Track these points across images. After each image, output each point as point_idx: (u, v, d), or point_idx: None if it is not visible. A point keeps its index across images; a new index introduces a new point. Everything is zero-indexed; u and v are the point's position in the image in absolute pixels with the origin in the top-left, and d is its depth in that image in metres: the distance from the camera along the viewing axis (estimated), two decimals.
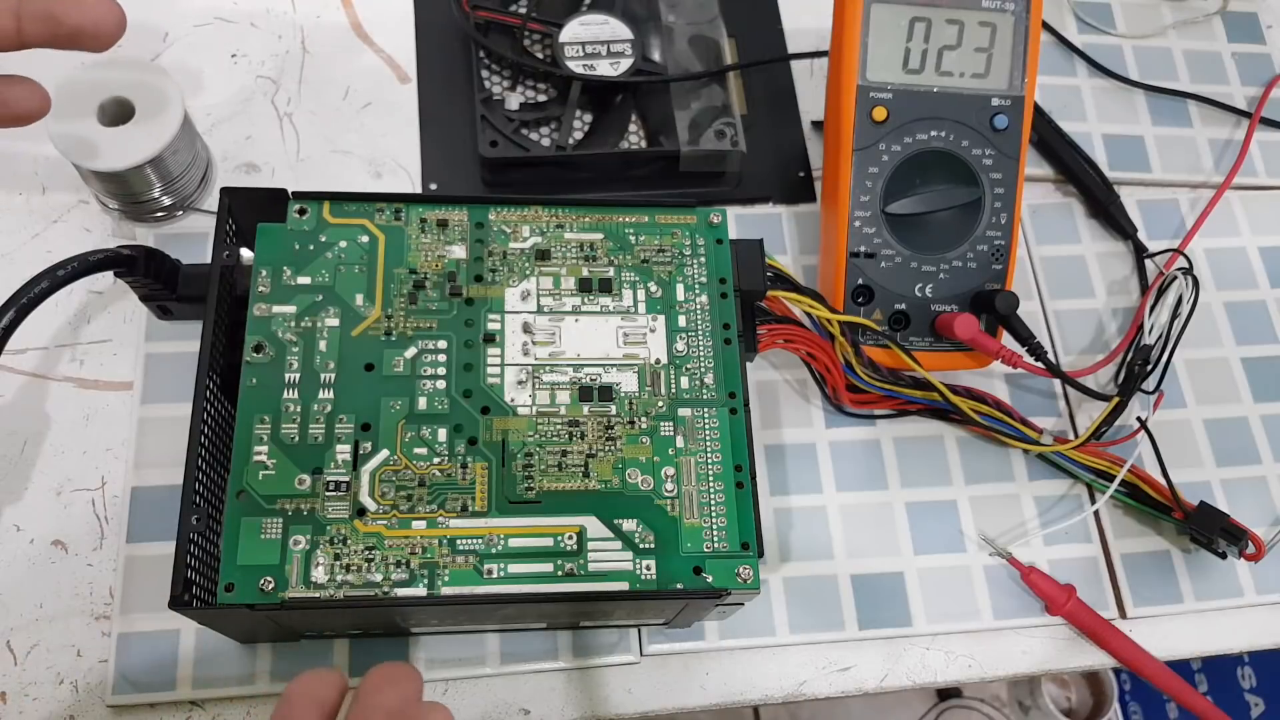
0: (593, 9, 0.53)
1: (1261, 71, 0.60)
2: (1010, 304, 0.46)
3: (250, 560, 0.34)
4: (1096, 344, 0.52)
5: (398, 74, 0.54)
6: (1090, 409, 0.50)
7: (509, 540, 0.35)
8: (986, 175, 0.47)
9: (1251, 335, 0.53)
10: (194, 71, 0.52)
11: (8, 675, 0.40)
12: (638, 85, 0.52)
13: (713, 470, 0.37)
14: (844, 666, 0.44)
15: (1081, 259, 0.54)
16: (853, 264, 0.47)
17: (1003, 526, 0.47)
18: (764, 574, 0.44)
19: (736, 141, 0.51)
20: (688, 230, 0.41)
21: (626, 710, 0.42)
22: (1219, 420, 0.51)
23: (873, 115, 0.46)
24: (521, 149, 0.49)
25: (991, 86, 0.47)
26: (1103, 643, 0.45)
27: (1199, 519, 0.45)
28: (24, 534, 0.42)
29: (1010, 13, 0.46)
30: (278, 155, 0.51)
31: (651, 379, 0.38)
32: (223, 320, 0.38)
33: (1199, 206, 0.56)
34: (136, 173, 0.44)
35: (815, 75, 0.57)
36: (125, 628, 0.40)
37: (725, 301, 0.40)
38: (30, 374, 0.45)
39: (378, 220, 0.39)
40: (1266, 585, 0.47)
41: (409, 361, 0.37)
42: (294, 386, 0.36)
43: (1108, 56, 0.59)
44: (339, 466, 0.35)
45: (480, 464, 0.36)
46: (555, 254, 0.40)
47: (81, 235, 0.48)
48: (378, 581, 0.34)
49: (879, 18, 0.45)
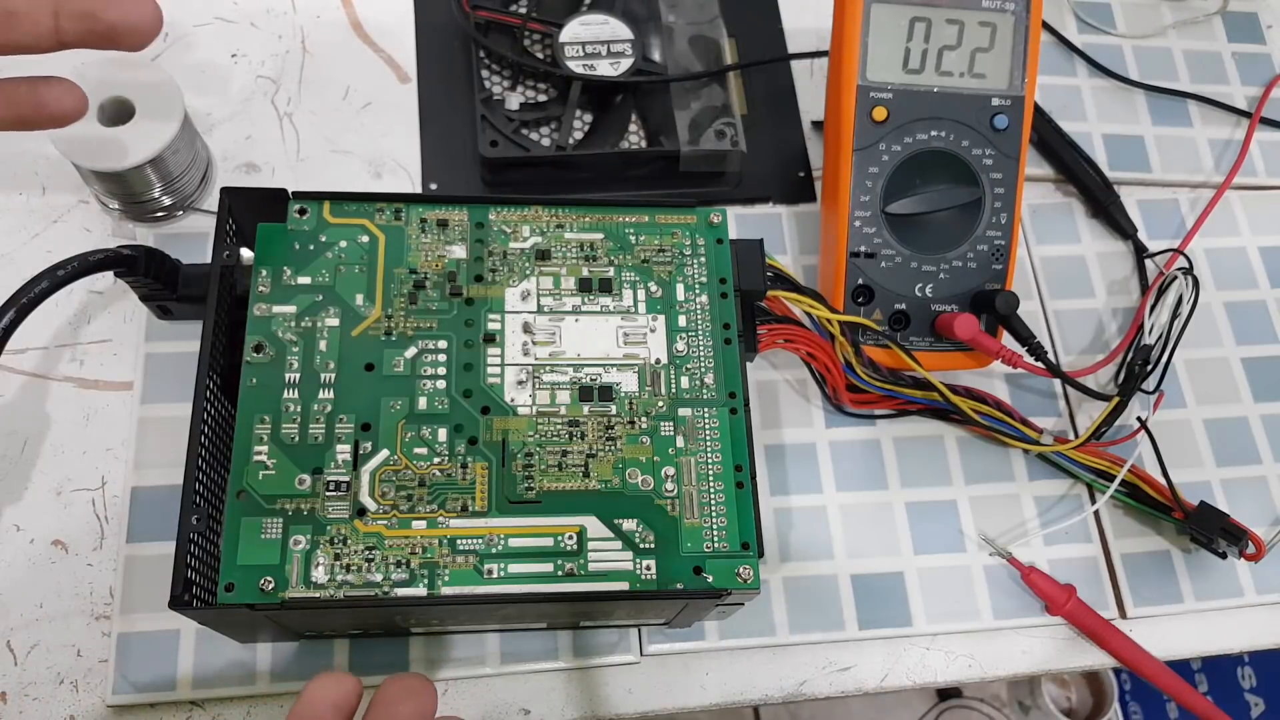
0: (593, 9, 0.53)
1: (1261, 71, 0.60)
2: (1010, 304, 0.46)
3: (250, 560, 0.34)
4: (1096, 344, 0.52)
5: (398, 74, 0.54)
6: (1090, 409, 0.50)
7: (509, 540, 0.35)
8: (986, 175, 0.47)
9: (1251, 335, 0.53)
10: (194, 71, 0.52)
11: (8, 675, 0.40)
12: (638, 85, 0.52)
13: (713, 470, 0.37)
14: (844, 666, 0.44)
15: (1081, 259, 0.54)
16: (853, 264, 0.47)
17: (1003, 526, 0.47)
18: (764, 574, 0.44)
19: (736, 141, 0.51)
20: (688, 230, 0.41)
21: (626, 710, 0.42)
22: (1219, 420, 0.51)
23: (873, 115, 0.46)
24: (521, 149, 0.49)
25: (991, 86, 0.47)
26: (1103, 643, 0.45)
27: (1199, 519, 0.45)
28: (24, 534, 0.42)
29: (1010, 13, 0.46)
30: (278, 155, 0.51)
31: (651, 379, 0.38)
32: (223, 320, 0.38)
33: (1199, 206, 0.56)
34: (136, 173, 0.44)
35: (815, 75, 0.57)
36: (125, 628, 0.40)
37: (725, 301, 0.40)
38: (30, 374, 0.45)
39: (378, 220, 0.39)
40: (1266, 585, 0.47)
41: (409, 361, 0.37)
42: (294, 386, 0.36)
43: (1108, 56, 0.59)
44: (339, 466, 0.35)
45: (480, 464, 0.36)
46: (555, 254, 0.40)
47: (81, 235, 0.48)
48: (378, 581, 0.34)
49: (879, 18, 0.45)
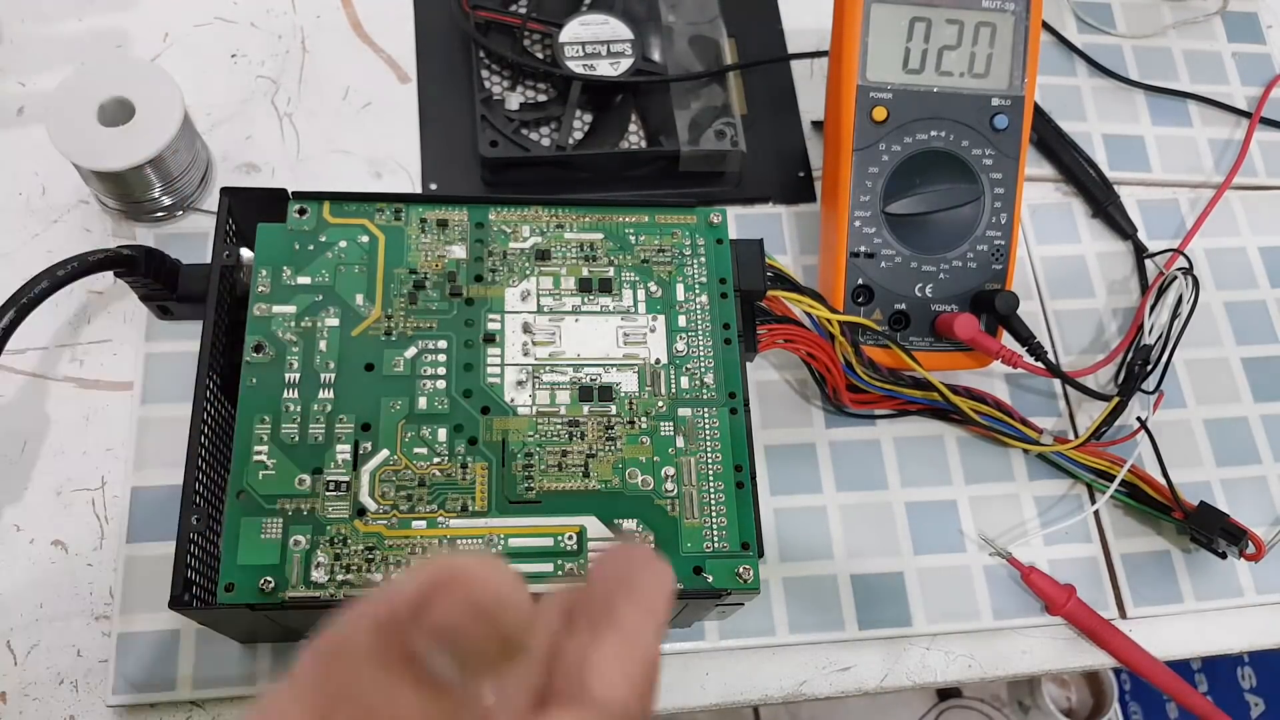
0: (593, 9, 0.53)
1: (1261, 71, 0.60)
2: (1010, 304, 0.46)
3: (250, 560, 0.34)
4: (1096, 344, 0.52)
5: (398, 74, 0.54)
6: (1090, 409, 0.50)
7: (509, 540, 0.35)
8: (986, 175, 0.47)
9: (1251, 335, 0.53)
10: (194, 71, 0.52)
11: (8, 675, 0.40)
12: (638, 85, 0.52)
13: (713, 470, 0.37)
14: (844, 666, 0.44)
15: (1081, 259, 0.54)
16: (853, 264, 0.47)
17: (1003, 526, 0.47)
18: (764, 574, 0.44)
19: (736, 141, 0.51)
20: (688, 230, 0.41)
21: None
22: (1219, 420, 0.51)
23: (873, 115, 0.46)
24: (521, 149, 0.49)
25: (991, 86, 0.47)
26: (1103, 643, 0.45)
27: (1199, 519, 0.45)
28: (24, 534, 0.42)
29: (1010, 13, 0.46)
30: (278, 155, 0.51)
31: (651, 379, 0.38)
32: (223, 320, 0.38)
33: (1199, 206, 0.56)
34: (136, 173, 0.44)
35: (815, 75, 0.57)
36: (125, 628, 0.40)
37: (725, 301, 0.40)
38: (30, 374, 0.45)
39: (378, 220, 0.39)
40: (1266, 585, 0.47)
41: (409, 361, 0.37)
42: (294, 386, 0.36)
43: (1108, 56, 0.59)
44: (339, 466, 0.35)
45: (480, 464, 0.36)
46: (555, 254, 0.40)
47: (81, 235, 0.48)
48: (378, 581, 0.34)
49: (879, 18, 0.45)
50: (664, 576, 0.21)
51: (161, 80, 0.44)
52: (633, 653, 0.19)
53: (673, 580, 0.21)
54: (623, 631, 0.19)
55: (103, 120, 0.44)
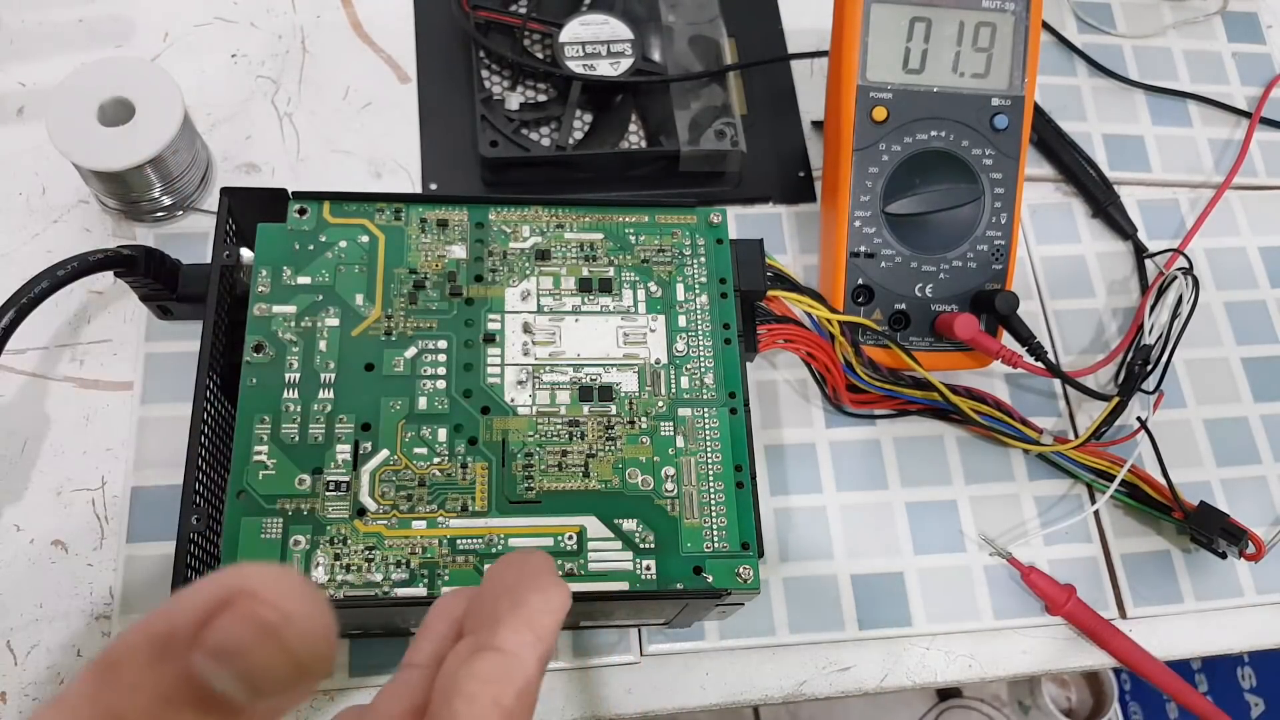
0: (593, 9, 0.53)
1: (1261, 71, 0.60)
2: (1010, 304, 0.46)
3: (250, 560, 0.34)
4: (1096, 344, 0.52)
5: (398, 74, 0.54)
6: (1090, 409, 0.50)
7: (509, 540, 0.35)
8: (986, 175, 0.47)
9: (1251, 335, 0.53)
10: (194, 71, 0.52)
11: (8, 675, 0.40)
12: (638, 85, 0.52)
13: (713, 470, 0.37)
14: (844, 666, 0.44)
15: (1081, 259, 0.54)
16: (853, 264, 0.47)
17: (1003, 526, 0.47)
18: (764, 574, 0.44)
19: (736, 141, 0.51)
20: (688, 230, 0.41)
21: (626, 710, 0.42)
22: (1219, 420, 0.51)
23: (873, 115, 0.46)
24: (521, 149, 0.49)
25: (991, 86, 0.47)
26: (1103, 643, 0.45)
27: (1199, 519, 0.45)
28: (24, 534, 0.42)
29: (1010, 13, 0.46)
30: (278, 155, 0.51)
31: (651, 379, 0.38)
32: (223, 320, 0.38)
33: (1199, 206, 0.56)
34: (136, 173, 0.44)
35: (815, 75, 0.57)
36: (125, 628, 0.40)
37: (725, 301, 0.40)
38: (30, 374, 0.45)
39: (378, 220, 0.39)
40: (1266, 585, 0.47)
41: (409, 361, 0.37)
42: (294, 386, 0.36)
43: (1108, 56, 0.59)
44: (339, 466, 0.35)
45: (480, 464, 0.36)
46: (555, 254, 0.40)
47: (81, 235, 0.48)
48: (378, 581, 0.34)
49: (879, 18, 0.45)
50: (555, 598, 0.20)
51: (161, 80, 0.44)
52: (508, 676, 0.18)
53: (566, 601, 0.20)
54: (501, 654, 0.19)
55: (103, 120, 0.44)
